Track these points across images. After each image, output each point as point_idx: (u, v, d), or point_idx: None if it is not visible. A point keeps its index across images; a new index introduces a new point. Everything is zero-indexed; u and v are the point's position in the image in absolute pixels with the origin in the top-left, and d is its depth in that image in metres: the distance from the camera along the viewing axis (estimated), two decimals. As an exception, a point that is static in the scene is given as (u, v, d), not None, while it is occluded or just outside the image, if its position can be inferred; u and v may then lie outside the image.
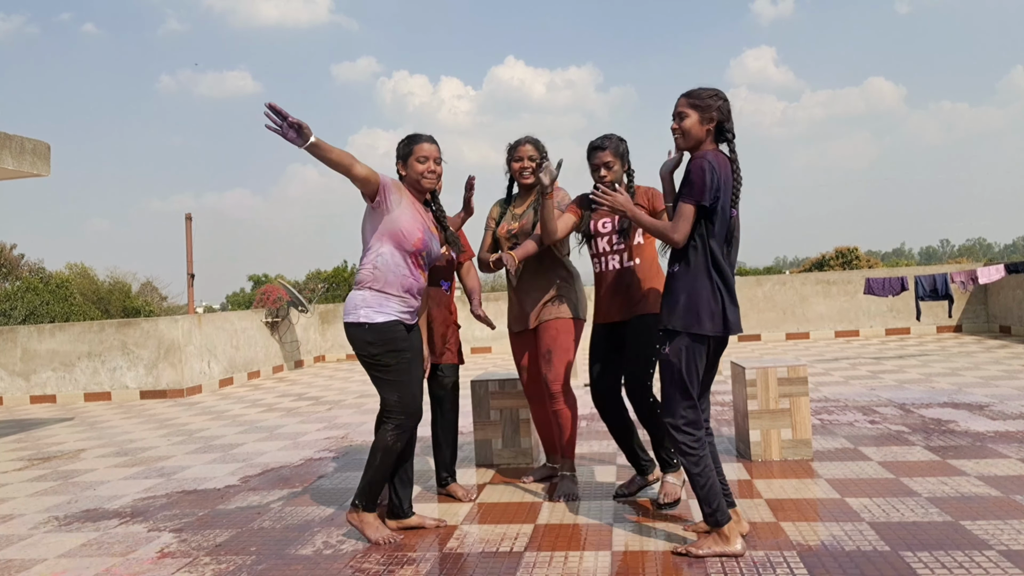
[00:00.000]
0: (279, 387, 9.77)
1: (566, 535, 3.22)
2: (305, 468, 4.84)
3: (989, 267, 8.17)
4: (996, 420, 5.04)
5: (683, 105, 2.94)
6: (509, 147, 3.94)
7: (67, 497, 4.46)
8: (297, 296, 12.16)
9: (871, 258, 29.59)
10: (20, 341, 9.74)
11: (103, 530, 3.74)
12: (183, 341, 9.36)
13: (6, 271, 27.03)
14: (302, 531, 3.52)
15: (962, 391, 6.28)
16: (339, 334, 13.48)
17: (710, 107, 2.91)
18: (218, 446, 5.79)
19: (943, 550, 2.81)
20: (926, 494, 3.49)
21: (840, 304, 12.14)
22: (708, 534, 2.93)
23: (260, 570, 3.05)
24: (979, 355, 8.71)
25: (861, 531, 3.06)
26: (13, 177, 6.83)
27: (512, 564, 2.94)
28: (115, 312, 24.94)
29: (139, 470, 5.10)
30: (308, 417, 6.98)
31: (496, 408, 4.54)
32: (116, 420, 7.67)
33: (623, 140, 3.64)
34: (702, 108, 2.91)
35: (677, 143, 3.00)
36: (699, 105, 2.91)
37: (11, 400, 9.68)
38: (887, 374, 7.56)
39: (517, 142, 3.91)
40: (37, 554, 3.43)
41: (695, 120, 2.91)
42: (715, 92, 2.94)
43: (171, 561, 3.22)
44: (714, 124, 2.93)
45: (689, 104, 2.93)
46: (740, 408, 4.47)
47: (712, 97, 2.92)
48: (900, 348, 10.02)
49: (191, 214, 14.52)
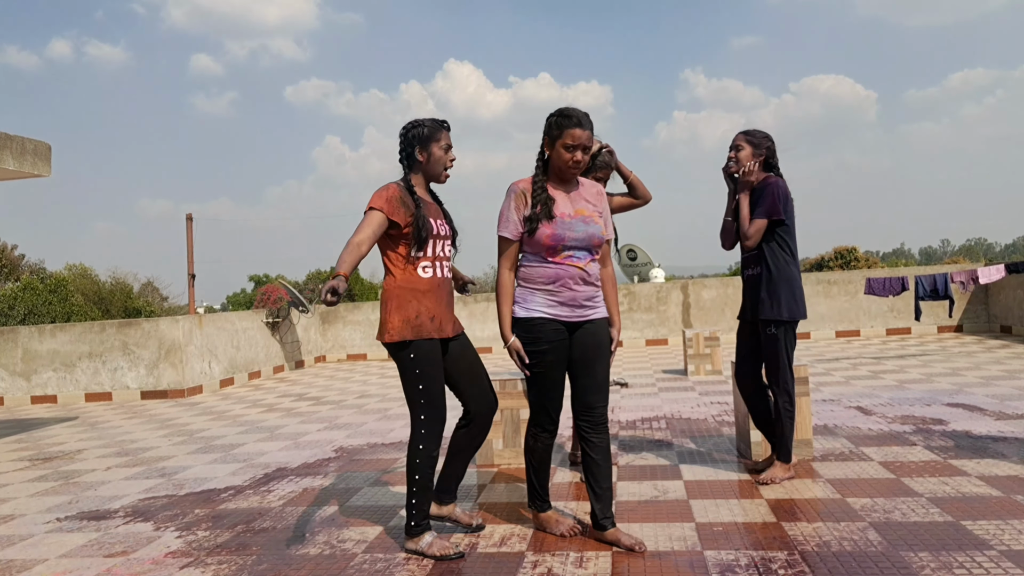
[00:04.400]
0: (280, 387, 9.77)
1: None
2: (306, 468, 4.85)
3: (990, 267, 8.16)
4: (997, 420, 5.04)
5: (741, 139, 3.81)
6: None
7: (68, 497, 4.47)
8: (298, 296, 12.16)
9: (870, 258, 29.57)
10: (21, 341, 9.74)
11: (104, 530, 3.75)
12: (184, 341, 9.37)
13: (7, 271, 27.05)
14: (303, 531, 3.52)
15: (963, 391, 6.27)
16: (340, 334, 13.48)
17: (761, 144, 3.78)
18: (219, 446, 5.79)
19: (944, 550, 2.81)
20: (927, 494, 3.49)
21: (841, 304, 12.14)
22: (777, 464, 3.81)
23: (261, 570, 3.05)
24: (980, 355, 8.70)
25: (862, 531, 3.06)
26: (14, 178, 6.84)
27: (512, 564, 2.94)
28: (116, 312, 24.95)
29: (140, 470, 5.11)
30: (309, 417, 6.99)
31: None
32: (117, 420, 7.67)
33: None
34: (755, 144, 3.78)
35: (730, 168, 3.83)
36: (753, 141, 3.79)
37: (12, 400, 9.69)
38: (888, 374, 7.56)
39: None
40: (38, 554, 3.43)
41: (749, 153, 3.78)
42: (766, 134, 3.81)
43: (172, 561, 3.22)
44: (763, 158, 3.78)
45: (746, 139, 3.80)
46: (741, 408, 4.47)
47: (764, 138, 3.80)
48: (901, 348, 10.01)
49: (191, 214, 14.55)
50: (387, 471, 4.62)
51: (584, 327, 3.08)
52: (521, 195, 3.06)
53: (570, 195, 3.12)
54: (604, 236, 3.10)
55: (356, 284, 35.40)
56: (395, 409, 7.14)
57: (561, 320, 3.04)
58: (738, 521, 3.27)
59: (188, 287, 13.98)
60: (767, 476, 3.80)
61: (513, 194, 3.07)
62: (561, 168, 3.05)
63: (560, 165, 3.05)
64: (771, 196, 3.69)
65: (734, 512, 3.40)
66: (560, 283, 3.02)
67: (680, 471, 4.17)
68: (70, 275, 26.30)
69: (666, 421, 5.67)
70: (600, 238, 3.08)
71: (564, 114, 3.03)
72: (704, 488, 3.79)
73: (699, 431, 5.25)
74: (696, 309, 12.70)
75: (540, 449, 3.18)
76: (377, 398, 8.03)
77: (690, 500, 3.62)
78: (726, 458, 4.41)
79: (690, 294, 12.76)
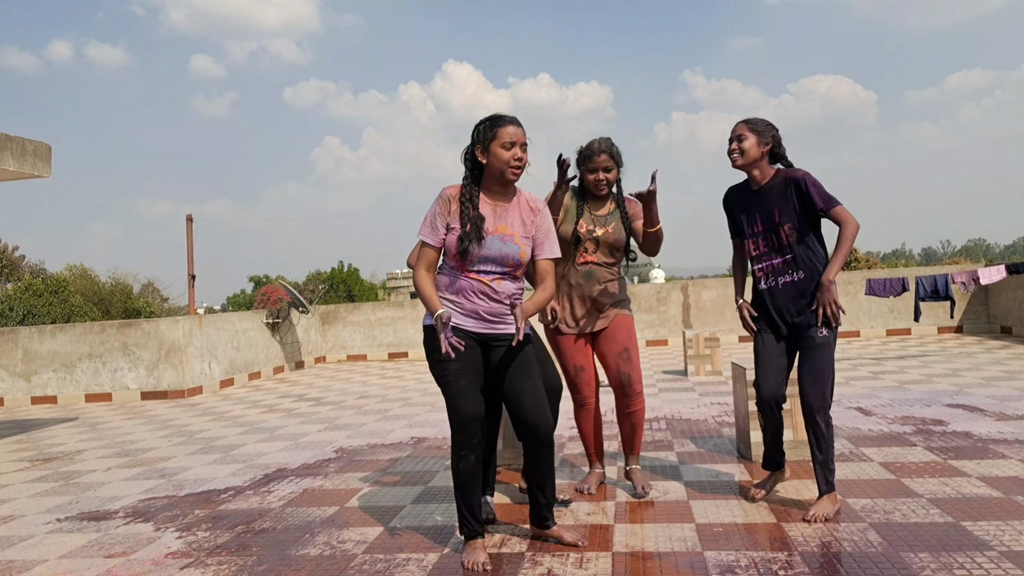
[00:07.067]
0: (280, 388, 9.77)
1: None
2: (306, 469, 4.84)
3: (990, 268, 8.17)
4: (997, 421, 5.03)
5: (743, 128, 3.35)
6: (582, 153, 3.63)
7: (68, 498, 4.47)
8: (298, 297, 12.17)
9: (871, 258, 29.55)
10: (21, 342, 9.74)
11: (104, 531, 3.74)
12: (184, 342, 9.37)
13: (8, 272, 27.05)
14: (303, 532, 3.52)
15: (963, 392, 6.27)
16: (340, 335, 13.48)
17: (765, 133, 3.34)
18: (219, 447, 5.79)
19: (944, 551, 2.81)
20: (927, 495, 3.49)
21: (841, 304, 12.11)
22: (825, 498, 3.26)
23: (261, 571, 3.05)
24: (980, 356, 8.70)
25: (862, 532, 3.06)
26: (14, 178, 6.84)
27: (512, 564, 2.94)
28: (116, 313, 24.96)
29: (140, 471, 5.10)
30: (309, 418, 6.99)
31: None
32: (117, 421, 7.67)
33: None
34: (759, 132, 3.33)
35: (734, 161, 3.36)
36: (757, 129, 3.34)
37: (12, 401, 9.68)
38: (888, 375, 7.55)
39: (591, 150, 3.60)
40: (38, 555, 3.43)
41: (754, 142, 3.33)
42: (768, 122, 3.37)
43: (172, 561, 3.22)
44: (768, 148, 3.34)
45: (748, 128, 3.34)
46: (741, 409, 4.47)
47: (768, 126, 3.36)
48: (901, 349, 10.01)
49: (191, 215, 14.55)
50: (387, 472, 4.61)
51: (497, 347, 3.04)
52: (447, 202, 2.98)
53: (498, 209, 3.01)
54: (520, 259, 2.98)
55: (356, 284, 35.34)
56: (395, 410, 7.14)
57: (468, 331, 2.98)
58: (738, 522, 3.27)
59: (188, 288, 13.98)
60: (819, 514, 3.21)
61: (440, 200, 3.00)
62: (503, 171, 2.94)
63: (501, 168, 2.94)
64: (817, 185, 3.25)
65: (734, 513, 3.40)
66: (462, 294, 2.98)
67: (680, 472, 4.17)
68: (70, 276, 26.30)
69: (666, 422, 5.67)
70: (516, 260, 2.97)
71: (493, 117, 3.00)
72: (704, 489, 3.79)
73: (699, 432, 5.25)
74: (696, 310, 12.70)
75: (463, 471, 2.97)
76: (377, 399, 8.03)
77: (690, 501, 3.61)
78: (726, 459, 4.41)
79: (690, 295, 12.76)
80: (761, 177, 3.38)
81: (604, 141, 3.63)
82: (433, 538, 3.31)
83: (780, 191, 3.33)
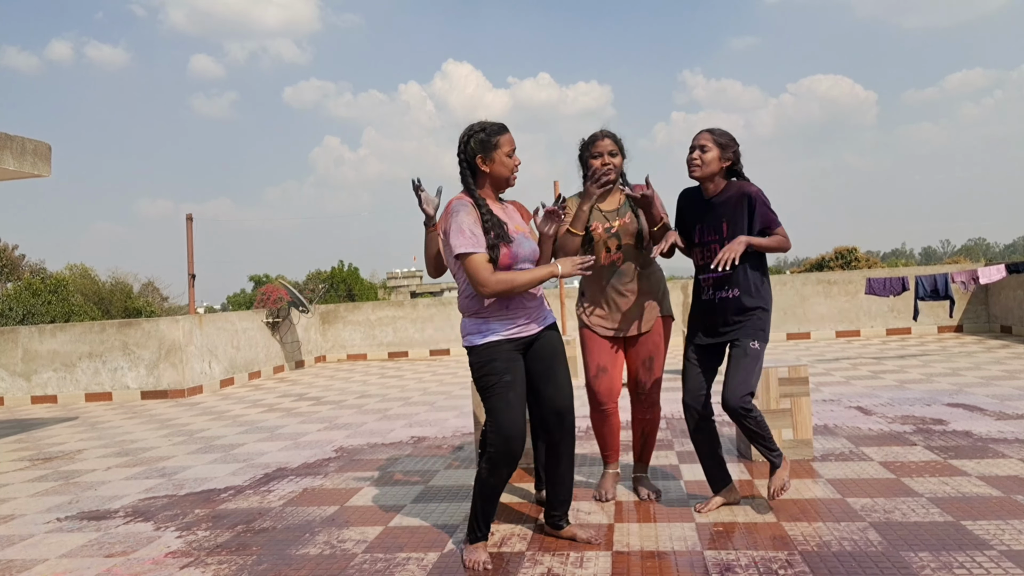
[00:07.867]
0: (280, 387, 9.77)
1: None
2: (306, 468, 4.85)
3: (990, 267, 8.16)
4: (997, 420, 5.04)
5: (707, 139, 3.32)
6: (584, 142, 3.59)
7: (68, 497, 4.47)
8: (298, 296, 12.17)
9: (871, 258, 29.57)
10: (21, 341, 9.74)
11: (104, 530, 3.75)
12: (184, 341, 9.37)
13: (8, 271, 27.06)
14: (303, 531, 3.53)
15: (963, 391, 6.27)
16: (340, 334, 13.49)
17: (728, 147, 3.32)
18: (219, 446, 5.79)
19: (944, 550, 2.81)
20: (927, 494, 3.49)
21: (841, 304, 12.14)
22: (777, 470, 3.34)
23: (261, 570, 3.05)
24: (980, 355, 8.70)
25: (862, 531, 3.06)
26: (14, 178, 6.84)
27: (512, 564, 2.94)
28: (116, 312, 24.96)
29: (140, 470, 5.11)
30: (309, 417, 6.99)
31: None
32: (117, 420, 7.67)
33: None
34: (723, 147, 3.32)
35: (692, 171, 3.35)
36: (720, 143, 3.32)
37: (12, 400, 9.69)
38: (888, 374, 7.56)
39: (594, 136, 3.56)
40: (38, 554, 3.43)
41: (716, 155, 3.31)
42: (732, 137, 3.36)
43: (172, 561, 3.22)
44: (729, 164, 3.33)
45: (713, 140, 3.32)
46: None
47: (731, 140, 3.35)
48: (901, 348, 10.01)
49: (191, 215, 14.53)
50: (387, 471, 4.62)
51: (539, 339, 3.07)
52: (472, 210, 2.95)
53: (505, 212, 3.10)
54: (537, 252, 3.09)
55: (356, 284, 35.36)
56: (395, 409, 7.15)
57: (518, 338, 2.99)
58: (738, 521, 3.28)
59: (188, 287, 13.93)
60: (777, 487, 3.34)
61: (467, 209, 2.93)
62: (507, 178, 3.04)
63: (505, 175, 3.02)
64: (766, 203, 3.27)
65: (734, 512, 3.40)
66: (516, 301, 3.00)
67: (680, 471, 4.17)
68: (70, 275, 26.29)
69: (666, 421, 5.67)
70: (536, 254, 3.08)
71: (488, 126, 3.01)
72: (704, 488, 3.79)
73: (699, 431, 5.24)
74: (696, 309, 12.69)
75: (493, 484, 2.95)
76: (377, 398, 8.04)
77: (690, 500, 3.61)
78: (726, 458, 4.41)
79: (690, 294, 12.75)
80: (715, 189, 3.37)
81: (606, 129, 3.61)
82: (433, 537, 3.31)
83: (733, 204, 3.31)
